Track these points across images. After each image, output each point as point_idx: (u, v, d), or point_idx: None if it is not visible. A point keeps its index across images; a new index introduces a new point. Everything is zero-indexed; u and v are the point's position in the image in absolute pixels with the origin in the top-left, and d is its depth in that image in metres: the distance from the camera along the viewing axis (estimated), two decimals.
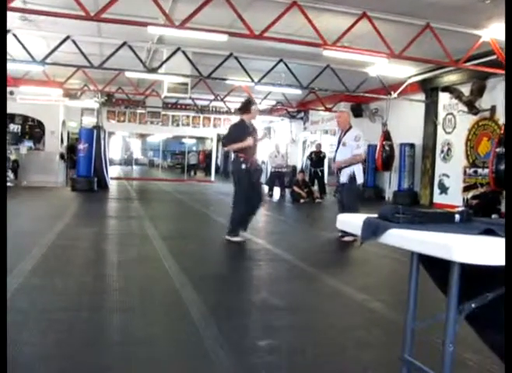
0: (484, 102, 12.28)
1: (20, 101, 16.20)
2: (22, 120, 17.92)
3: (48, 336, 3.19)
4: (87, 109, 21.14)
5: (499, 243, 1.64)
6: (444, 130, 14.05)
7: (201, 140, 35.64)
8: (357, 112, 17.77)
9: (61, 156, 17.94)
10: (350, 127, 7.45)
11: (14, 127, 17.76)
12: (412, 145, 14.96)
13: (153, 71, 12.53)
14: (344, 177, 7.23)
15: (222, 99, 18.74)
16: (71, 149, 18.74)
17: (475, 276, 1.81)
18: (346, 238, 7.02)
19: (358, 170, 7.27)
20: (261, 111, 22.48)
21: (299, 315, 3.95)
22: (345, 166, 7.23)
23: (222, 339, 3.19)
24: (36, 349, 2.93)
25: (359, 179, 7.30)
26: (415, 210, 2.00)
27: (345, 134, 7.37)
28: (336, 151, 7.46)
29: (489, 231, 1.77)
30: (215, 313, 3.74)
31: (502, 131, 10.73)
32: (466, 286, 1.77)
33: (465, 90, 12.64)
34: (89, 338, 3.19)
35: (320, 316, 3.98)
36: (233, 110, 22.30)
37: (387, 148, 15.05)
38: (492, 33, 9.23)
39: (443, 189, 13.97)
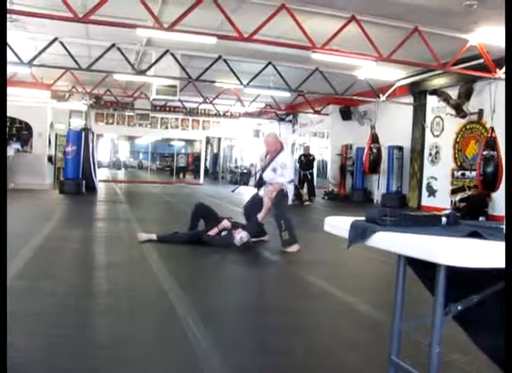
0: (471, 106, 12.37)
1: (7, 103, 16.05)
2: (9, 121, 17.73)
3: (35, 339, 3.17)
4: (75, 112, 21.04)
5: (484, 246, 1.65)
6: (432, 133, 14.14)
7: (190, 142, 35.60)
8: (346, 114, 17.86)
9: (49, 159, 17.80)
10: (281, 150, 7.12)
11: None
12: (400, 148, 15.03)
13: (142, 73, 12.48)
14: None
15: (211, 102, 18.73)
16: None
17: (462, 278, 1.82)
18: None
19: (289, 190, 7.04)
20: (250, 114, 22.57)
21: (286, 316, 3.95)
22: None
23: (210, 340, 3.19)
24: (23, 352, 2.90)
25: (289, 197, 7.05)
26: (403, 213, 2.01)
27: (274, 157, 7.02)
28: (263, 171, 7.16)
29: (474, 234, 1.78)
30: (203, 314, 3.73)
31: (489, 134, 10.80)
32: (453, 288, 1.78)
33: (453, 93, 12.73)
34: (76, 340, 3.17)
35: (308, 318, 3.98)
36: (222, 113, 22.33)
37: (374, 150, 15.12)
38: (479, 37, 9.29)
39: (431, 191, 14.05)
